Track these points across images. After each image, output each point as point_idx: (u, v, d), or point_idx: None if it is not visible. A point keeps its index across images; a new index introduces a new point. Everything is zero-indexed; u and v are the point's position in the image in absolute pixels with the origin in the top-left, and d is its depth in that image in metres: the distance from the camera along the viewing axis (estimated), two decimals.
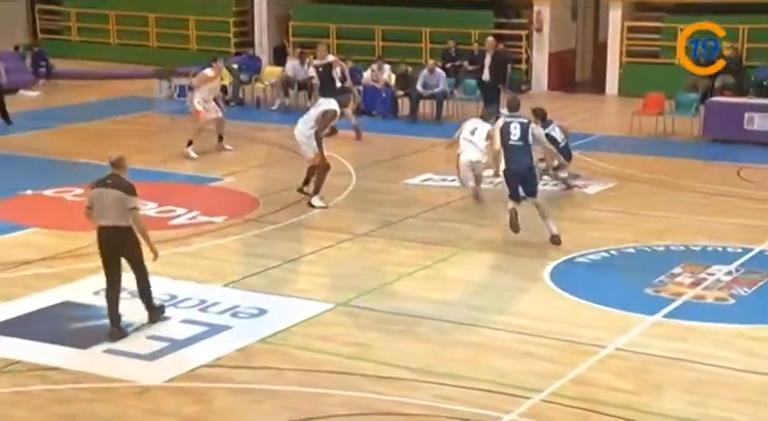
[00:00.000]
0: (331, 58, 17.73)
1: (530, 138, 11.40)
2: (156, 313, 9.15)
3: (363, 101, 19.53)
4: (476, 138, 13.23)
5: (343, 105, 13.87)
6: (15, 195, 13.34)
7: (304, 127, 13.16)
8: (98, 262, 10.54)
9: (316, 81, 18.08)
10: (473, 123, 13.61)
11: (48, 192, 13.43)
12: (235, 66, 21.19)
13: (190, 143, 15.61)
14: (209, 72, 16.20)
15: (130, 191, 8.75)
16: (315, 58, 18.26)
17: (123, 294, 9.68)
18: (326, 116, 13.13)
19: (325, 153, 13.22)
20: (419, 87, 19.36)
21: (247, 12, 25.64)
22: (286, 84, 20.36)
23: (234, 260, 11.05)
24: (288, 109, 19.93)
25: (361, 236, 11.92)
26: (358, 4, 24.05)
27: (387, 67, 19.91)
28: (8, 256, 10.91)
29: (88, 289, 9.88)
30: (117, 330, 8.80)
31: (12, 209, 12.79)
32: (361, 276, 10.52)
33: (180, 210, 12.75)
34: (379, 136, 17.68)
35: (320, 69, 17.56)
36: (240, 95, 20.85)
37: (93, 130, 17.91)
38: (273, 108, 20.27)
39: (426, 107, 19.53)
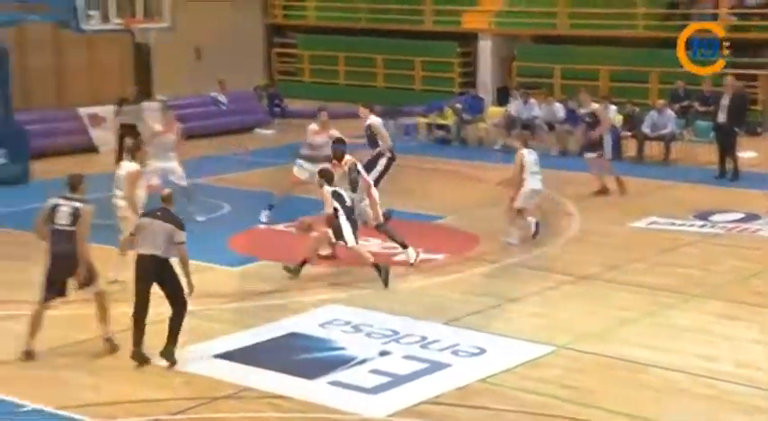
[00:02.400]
0: (595, 105, 16.85)
1: None
2: (171, 350, 9.01)
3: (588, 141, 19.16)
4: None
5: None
6: (249, 229, 13.96)
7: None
8: (323, 295, 10.97)
9: (539, 122, 17.84)
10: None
11: (279, 227, 13.99)
12: (458, 105, 21.43)
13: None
14: (314, 126, 14.28)
15: (180, 225, 9.05)
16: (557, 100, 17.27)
17: (346, 328, 9.96)
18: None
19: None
20: (646, 128, 18.89)
21: (471, 53, 25.93)
22: (509, 123, 20.39)
23: (454, 298, 11.09)
24: (510, 149, 19.88)
25: (583, 278, 11.70)
26: (583, 45, 23.83)
27: (613, 107, 19.53)
28: (243, 287, 11.42)
29: (314, 321, 10.19)
30: (138, 352, 8.95)
31: (247, 241, 13.40)
32: (583, 319, 10.32)
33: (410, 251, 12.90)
34: (602, 178, 17.29)
35: (587, 118, 16.77)
36: (462, 135, 21.05)
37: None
38: (496, 147, 20.32)
39: (652, 148, 19.02)
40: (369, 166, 13.45)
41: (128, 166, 11.63)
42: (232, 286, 11.48)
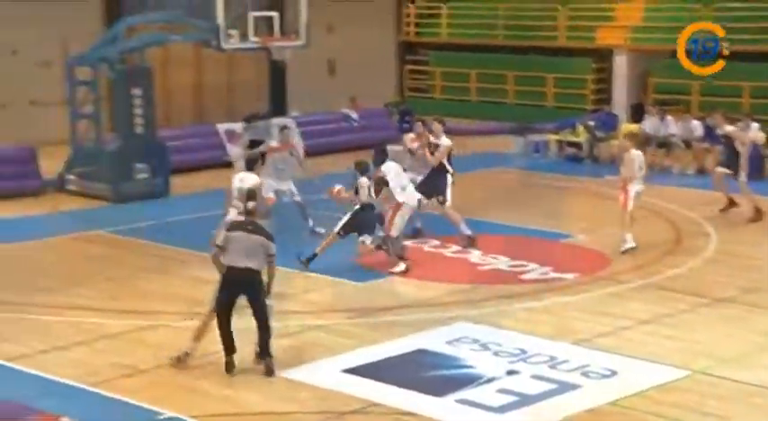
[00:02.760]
0: (729, 128, 16.22)
1: None
2: (271, 363, 9.14)
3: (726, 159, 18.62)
4: None
5: None
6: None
7: None
8: (451, 312, 10.94)
9: (676, 139, 17.42)
10: None
11: (407, 242, 13.99)
12: (591, 122, 21.10)
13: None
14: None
15: (271, 238, 9.20)
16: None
17: (473, 346, 9.90)
18: None
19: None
20: None
21: (605, 69, 25.52)
22: (644, 141, 19.93)
23: (584, 318, 10.89)
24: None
25: (720, 300, 11.32)
26: (725, 59, 23.09)
27: (754, 125, 18.85)
28: (371, 303, 11.49)
29: (441, 338, 10.16)
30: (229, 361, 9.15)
31: (376, 257, 13.41)
32: (720, 343, 9.99)
33: (531, 266, 12.80)
34: (742, 197, 16.75)
35: (722, 139, 16.24)
36: (595, 152, 20.71)
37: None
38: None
39: None
40: (439, 183, 13.72)
41: (251, 178, 11.80)
42: (360, 301, 11.56)
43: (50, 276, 12.48)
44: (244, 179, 11.91)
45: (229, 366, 9.21)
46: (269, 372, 9.18)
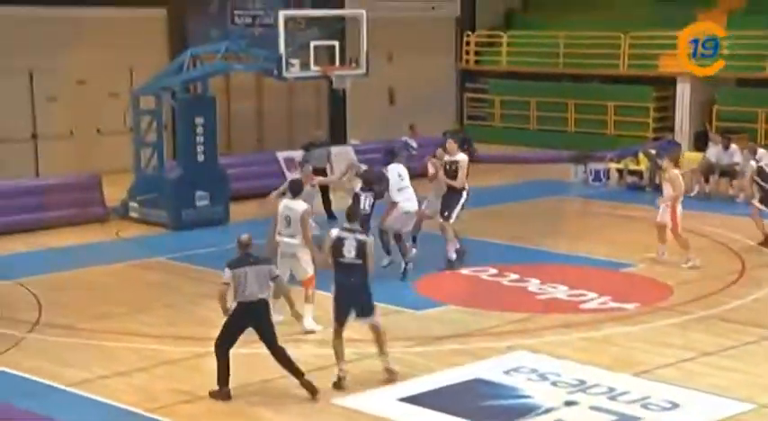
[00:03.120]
0: None
1: None
2: (308, 382, 9.29)
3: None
4: None
5: None
6: (435, 272, 14.00)
7: None
8: (508, 341, 10.86)
9: (740, 168, 17.15)
10: None
11: (465, 271, 13.98)
12: (652, 151, 20.87)
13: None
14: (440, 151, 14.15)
15: (269, 260, 9.64)
16: None
17: (531, 375, 9.80)
18: None
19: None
20: None
21: (667, 97, 25.27)
22: (707, 170, 19.67)
23: (645, 349, 10.72)
24: (707, 196, 19.24)
25: None
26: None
27: None
28: (428, 331, 11.45)
29: (498, 367, 10.09)
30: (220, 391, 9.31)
31: (434, 285, 13.45)
32: None
33: (591, 295, 12.67)
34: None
35: None
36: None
37: (509, 212, 18.43)
38: (692, 194, 19.62)
39: None
40: (452, 200, 13.93)
41: (299, 205, 11.69)
42: (417, 329, 11.52)
43: (112, 302, 12.66)
44: (289, 206, 11.77)
45: (228, 395, 9.33)
46: (312, 391, 9.25)
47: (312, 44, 16.13)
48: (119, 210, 17.69)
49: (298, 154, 18.41)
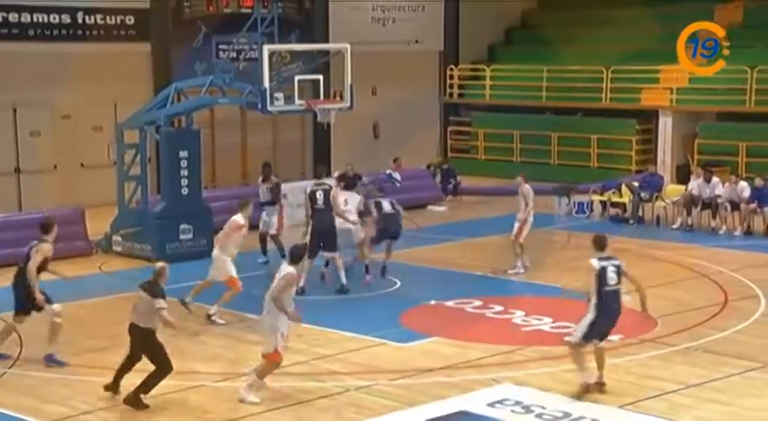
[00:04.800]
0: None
1: None
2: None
3: None
4: None
5: None
6: (420, 305, 14.00)
7: None
8: (493, 374, 10.84)
9: (722, 200, 17.28)
10: None
11: (449, 303, 13.97)
12: (635, 183, 21.00)
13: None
14: (239, 219, 13.51)
15: (159, 294, 10.15)
16: None
17: (516, 408, 9.78)
18: None
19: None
20: None
21: (651, 130, 25.46)
22: (689, 202, 19.78)
23: (630, 381, 10.71)
24: (690, 228, 19.35)
25: None
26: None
27: None
28: (413, 364, 11.41)
29: (483, 400, 10.06)
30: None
31: (417, 318, 13.43)
32: None
33: (575, 327, 12.63)
34: None
35: None
36: (640, 213, 20.57)
37: (492, 245, 18.46)
38: (674, 226, 19.75)
39: None
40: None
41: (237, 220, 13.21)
42: (402, 362, 11.49)
43: (95, 337, 12.58)
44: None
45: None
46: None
47: (296, 78, 16.20)
48: (102, 243, 17.63)
49: (283, 187, 18.42)
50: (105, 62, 21.67)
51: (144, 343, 10.10)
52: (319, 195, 14.57)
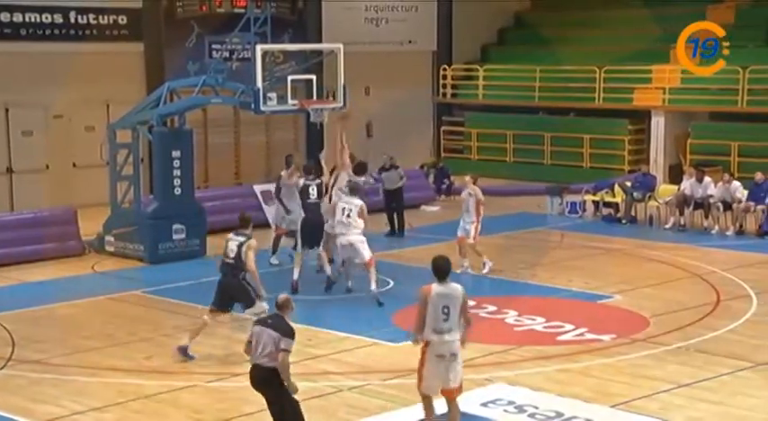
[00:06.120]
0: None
1: None
2: None
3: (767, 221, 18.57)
4: None
5: None
6: (413, 305, 13.96)
7: None
8: (486, 373, 10.84)
9: (714, 200, 17.36)
10: None
11: None
12: (628, 183, 21.03)
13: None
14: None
15: (288, 333, 8.52)
16: None
17: (508, 408, 9.80)
18: None
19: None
20: None
21: (644, 130, 25.51)
22: (682, 202, 19.82)
23: (622, 380, 10.73)
24: (682, 228, 19.39)
25: (762, 364, 11.13)
26: (761, 122, 23.08)
27: None
28: (406, 364, 11.29)
29: (476, 400, 10.04)
30: None
31: (409, 318, 13.28)
32: (764, 409, 9.79)
33: (568, 327, 12.69)
34: None
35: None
36: (633, 213, 20.60)
37: (485, 244, 18.44)
38: (667, 226, 19.78)
39: None
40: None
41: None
42: (395, 362, 11.47)
43: (87, 337, 12.56)
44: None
45: None
46: None
47: (289, 78, 16.20)
48: (94, 244, 17.61)
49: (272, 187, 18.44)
50: (98, 62, 21.62)
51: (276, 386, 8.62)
52: (312, 190, 14.66)
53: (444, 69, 28.54)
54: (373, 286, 13.89)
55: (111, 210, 17.67)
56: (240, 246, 11.34)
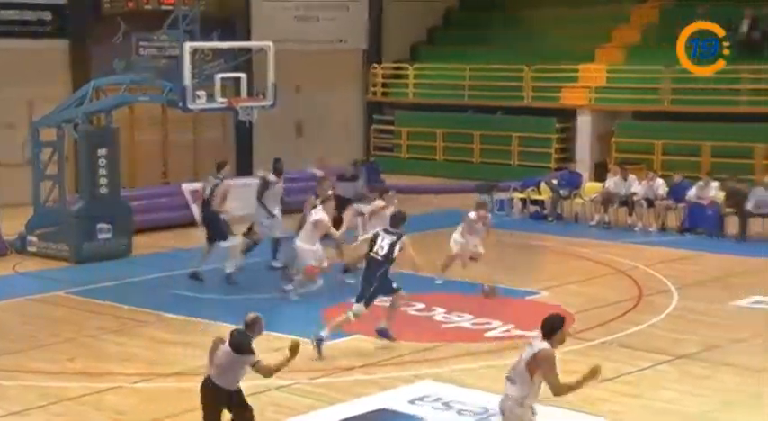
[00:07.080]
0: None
1: None
2: None
3: (689, 218, 18.96)
4: None
5: None
6: (341, 303, 13.98)
7: None
8: (414, 371, 10.89)
9: (638, 197, 17.70)
10: None
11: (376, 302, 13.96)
12: (554, 181, 21.31)
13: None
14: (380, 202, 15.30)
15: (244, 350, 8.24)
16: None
17: (436, 404, 9.85)
18: None
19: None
20: (750, 205, 18.43)
21: (570, 128, 25.86)
22: (607, 199, 20.14)
23: None
24: (607, 225, 19.70)
25: (681, 357, 11.37)
26: (684, 120, 23.56)
27: (714, 183, 19.17)
28: (333, 362, 11.41)
29: (404, 397, 10.11)
30: None
31: (338, 316, 13.41)
32: (684, 401, 10.00)
33: (495, 323, 12.82)
34: (702, 255, 16.97)
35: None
36: (559, 210, 20.88)
37: (414, 242, 18.49)
38: (592, 223, 20.08)
39: (756, 226, 18.54)
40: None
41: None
42: (322, 360, 11.47)
43: (8, 339, 12.31)
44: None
45: None
46: None
47: (218, 76, 16.07)
48: (16, 244, 17.28)
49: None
50: (21, 59, 21.23)
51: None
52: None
53: (374, 68, 28.59)
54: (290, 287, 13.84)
55: (35, 210, 17.36)
56: (393, 244, 11.76)
